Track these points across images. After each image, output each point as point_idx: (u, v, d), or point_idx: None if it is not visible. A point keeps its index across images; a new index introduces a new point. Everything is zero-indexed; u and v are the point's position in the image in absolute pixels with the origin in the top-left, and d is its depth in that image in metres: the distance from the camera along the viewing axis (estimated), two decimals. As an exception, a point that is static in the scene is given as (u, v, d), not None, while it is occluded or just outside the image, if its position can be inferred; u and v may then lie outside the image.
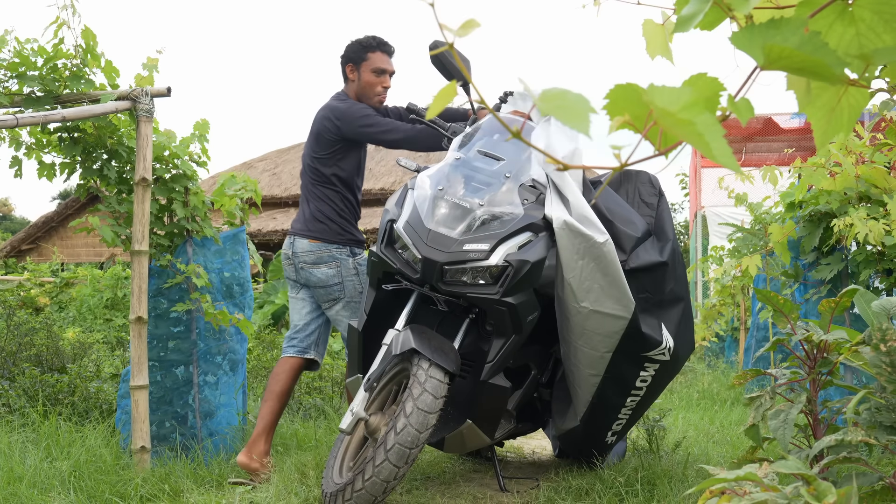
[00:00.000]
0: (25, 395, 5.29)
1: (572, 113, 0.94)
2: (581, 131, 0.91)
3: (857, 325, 4.09)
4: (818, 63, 1.05)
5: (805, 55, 1.04)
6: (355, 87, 4.39)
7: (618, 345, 3.55)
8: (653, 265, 3.67)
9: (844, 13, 1.18)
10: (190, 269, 4.44)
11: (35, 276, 11.67)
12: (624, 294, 3.48)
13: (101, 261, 19.60)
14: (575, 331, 3.58)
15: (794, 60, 1.06)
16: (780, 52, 1.05)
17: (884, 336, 2.26)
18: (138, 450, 4.10)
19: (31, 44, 4.13)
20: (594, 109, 0.96)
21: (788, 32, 1.05)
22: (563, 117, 0.94)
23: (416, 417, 3.10)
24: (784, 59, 1.06)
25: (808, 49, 1.04)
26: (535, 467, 4.49)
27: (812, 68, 1.07)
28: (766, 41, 1.05)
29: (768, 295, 2.85)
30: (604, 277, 3.46)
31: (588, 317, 3.51)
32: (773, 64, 1.06)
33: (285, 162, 20.66)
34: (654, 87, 0.96)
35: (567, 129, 3.74)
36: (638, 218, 3.77)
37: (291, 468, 4.02)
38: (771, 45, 1.04)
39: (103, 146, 4.37)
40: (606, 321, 3.51)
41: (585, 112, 0.94)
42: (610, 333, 3.53)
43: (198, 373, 4.59)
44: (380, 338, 3.53)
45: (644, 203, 4.02)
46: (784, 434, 2.52)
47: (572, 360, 3.68)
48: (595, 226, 3.47)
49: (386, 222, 3.62)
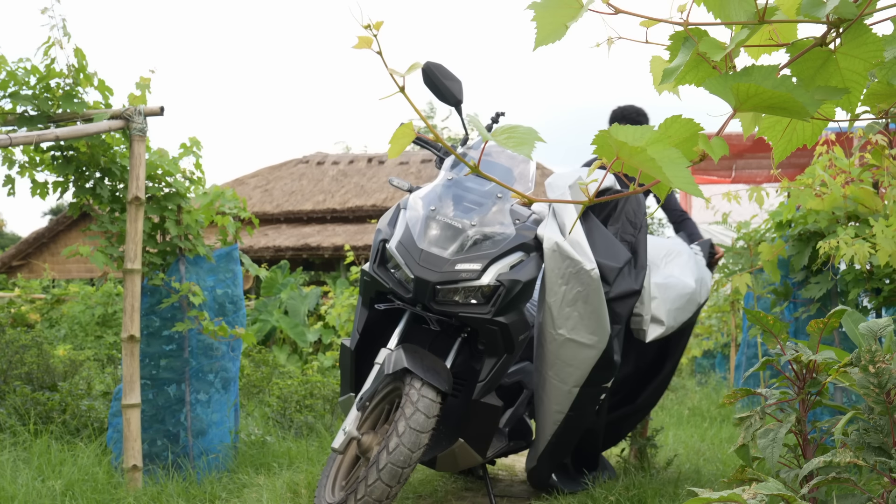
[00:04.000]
0: (16, 414, 5.27)
1: (520, 141, 1.10)
2: (524, 154, 1.08)
3: (846, 345, 4.12)
4: (787, 100, 1.13)
5: (774, 93, 1.12)
6: None
7: (587, 377, 3.60)
8: (628, 293, 3.72)
9: (829, 59, 1.26)
10: (185, 287, 4.44)
11: (26, 292, 11.62)
12: (601, 325, 3.52)
13: (92, 277, 19.54)
14: (548, 359, 3.62)
15: (764, 98, 1.14)
16: (748, 91, 1.13)
17: (872, 357, 2.29)
18: (130, 468, 4.09)
19: (24, 63, 4.15)
20: (541, 138, 1.13)
21: (761, 77, 1.13)
22: (512, 145, 1.10)
23: (408, 437, 3.11)
24: (753, 97, 1.14)
25: (783, 89, 1.13)
26: (527, 486, 4.49)
27: (782, 105, 1.15)
28: (740, 83, 1.13)
29: (758, 315, 2.87)
30: (585, 306, 3.50)
31: (563, 345, 3.55)
32: (745, 104, 1.16)
33: (277, 178, 20.68)
34: (619, 127, 1.08)
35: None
36: (619, 247, 3.82)
37: (283, 487, 4.02)
38: (738, 85, 1.13)
39: (96, 165, 4.38)
40: (580, 351, 3.54)
41: (532, 140, 1.10)
42: (581, 364, 3.57)
43: (190, 391, 4.59)
44: (372, 357, 3.54)
45: (629, 222, 4.05)
46: (773, 453, 2.54)
47: (540, 393, 3.72)
48: (586, 253, 3.51)
49: (378, 242, 3.64)
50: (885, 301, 4.12)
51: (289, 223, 19.33)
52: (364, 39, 1.14)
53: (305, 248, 17.52)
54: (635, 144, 1.07)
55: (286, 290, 12.75)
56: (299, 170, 20.93)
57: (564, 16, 1.27)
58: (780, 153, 1.41)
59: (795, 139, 1.40)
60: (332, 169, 20.64)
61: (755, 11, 1.25)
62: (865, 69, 1.26)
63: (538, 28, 1.29)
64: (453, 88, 3.78)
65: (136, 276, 4.20)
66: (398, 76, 1.15)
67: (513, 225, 3.57)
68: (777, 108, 1.17)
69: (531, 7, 1.29)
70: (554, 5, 1.28)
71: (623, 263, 3.71)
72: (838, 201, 4.07)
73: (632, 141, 1.07)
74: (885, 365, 2.27)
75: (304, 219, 19.27)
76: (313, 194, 19.68)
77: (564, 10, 1.27)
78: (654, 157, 1.06)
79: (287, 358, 10.96)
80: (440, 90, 3.80)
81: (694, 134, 1.14)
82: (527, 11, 1.28)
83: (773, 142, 1.40)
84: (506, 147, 1.11)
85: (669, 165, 1.06)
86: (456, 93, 3.79)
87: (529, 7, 1.29)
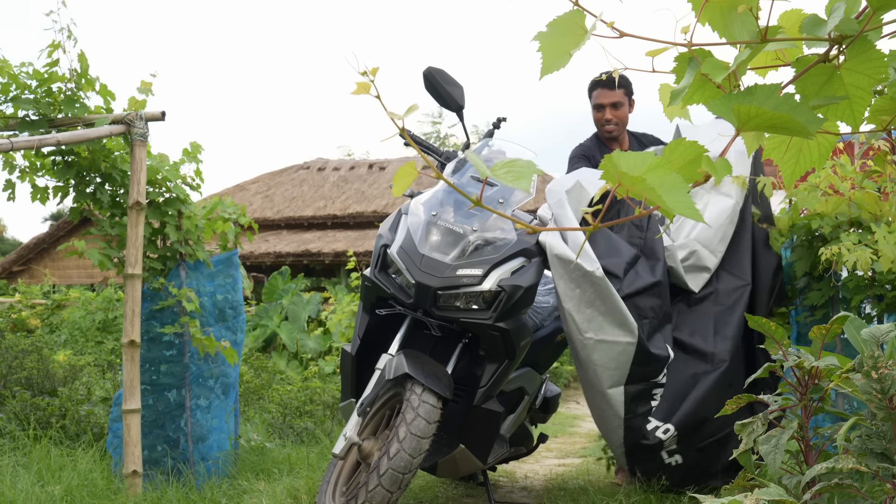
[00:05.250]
0: (16, 419, 5.26)
1: (518, 175, 1.13)
2: (522, 188, 1.11)
3: (848, 351, 4.10)
4: (788, 120, 1.16)
5: (775, 114, 1.14)
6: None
7: (628, 374, 3.64)
8: (648, 286, 3.74)
9: (834, 75, 1.28)
10: (181, 293, 4.43)
11: (26, 298, 11.62)
12: (625, 320, 3.54)
13: (92, 283, 19.53)
14: (586, 367, 3.69)
15: (765, 119, 1.16)
16: (749, 112, 1.16)
17: (875, 363, 2.28)
18: (130, 474, 4.08)
19: (27, 67, 4.15)
20: (540, 171, 1.18)
21: (763, 97, 1.16)
22: (510, 179, 1.12)
23: (409, 442, 3.09)
24: (755, 118, 1.17)
25: (784, 109, 1.15)
26: (528, 492, 4.48)
27: (784, 125, 1.19)
28: (742, 105, 1.17)
29: (760, 321, 2.86)
30: (603, 304, 3.53)
31: (594, 348, 3.58)
32: (747, 124, 1.18)
33: (278, 184, 20.69)
34: (620, 155, 1.11)
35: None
36: (624, 245, 3.84)
37: (283, 493, 4.01)
38: (739, 106, 1.16)
39: (97, 170, 4.38)
40: (614, 349, 3.57)
41: (530, 174, 1.13)
42: (620, 363, 3.60)
43: (190, 396, 4.58)
44: (373, 362, 3.53)
45: (634, 226, 4.08)
46: (775, 460, 2.53)
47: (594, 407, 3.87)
48: (588, 255, 3.54)
49: (380, 247, 3.64)
50: (888, 308, 4.11)
51: (289, 229, 19.33)
52: (362, 85, 1.20)
53: (306, 253, 17.51)
54: (635, 173, 1.10)
55: (287, 295, 12.76)
56: (300, 175, 20.94)
57: (569, 43, 1.30)
58: (789, 178, 1.44)
59: (802, 161, 1.42)
60: (333, 175, 20.65)
61: (757, 31, 1.27)
62: (870, 84, 1.28)
63: (544, 57, 1.32)
64: (455, 94, 3.78)
65: (137, 281, 4.19)
66: (398, 119, 1.19)
67: (514, 230, 3.57)
68: (779, 127, 1.19)
69: (537, 38, 1.31)
70: (559, 33, 1.30)
71: (628, 258, 3.75)
72: (843, 206, 4.05)
73: (632, 169, 1.10)
74: (887, 371, 2.27)
75: (305, 225, 19.27)
76: (314, 200, 19.69)
77: (569, 38, 1.30)
78: (654, 185, 1.09)
79: (287, 363, 10.96)
80: (442, 95, 3.80)
81: (698, 156, 1.17)
82: (523, 6, 1.29)
83: (780, 163, 1.42)
84: (504, 182, 1.13)
85: (669, 191, 1.09)
86: (457, 98, 3.79)
87: (535, 38, 1.31)
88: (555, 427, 8.34)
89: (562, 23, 1.30)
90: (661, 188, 1.09)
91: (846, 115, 1.32)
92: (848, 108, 1.31)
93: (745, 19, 1.28)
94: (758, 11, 1.26)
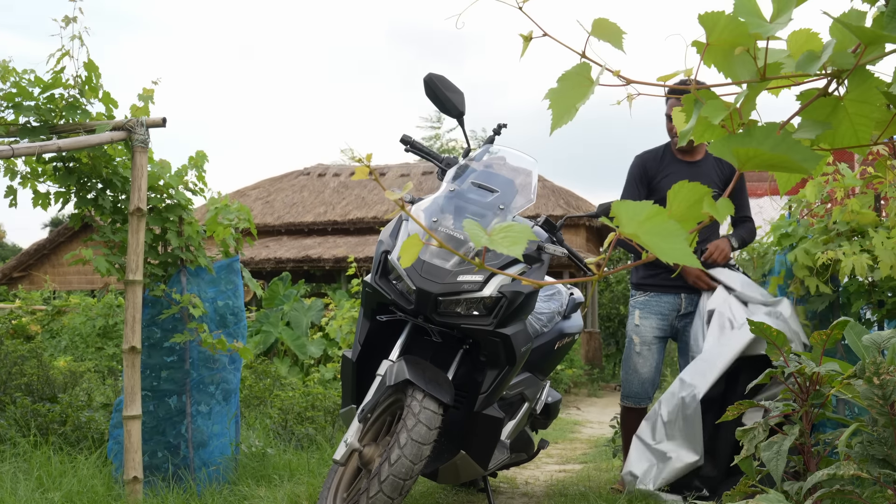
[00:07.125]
0: (16, 425, 5.26)
1: (514, 241, 1.18)
2: (514, 254, 1.15)
3: (849, 358, 4.10)
4: (785, 160, 1.21)
5: (773, 154, 1.20)
6: None
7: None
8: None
9: (838, 106, 1.33)
10: (185, 299, 4.43)
11: (26, 303, 11.61)
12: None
13: (93, 289, 19.54)
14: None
15: (764, 159, 1.22)
16: (748, 154, 1.22)
17: (877, 369, 2.28)
18: (130, 480, 4.08)
19: (28, 74, 4.15)
20: (533, 236, 1.25)
21: (761, 137, 1.22)
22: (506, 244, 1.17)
23: (410, 448, 3.09)
24: (754, 158, 1.22)
25: (782, 149, 1.20)
26: (528, 498, 4.48)
27: (782, 164, 1.24)
28: (740, 147, 1.22)
29: (761, 327, 2.87)
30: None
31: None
32: (747, 164, 1.23)
33: (278, 190, 20.71)
34: (619, 203, 1.16)
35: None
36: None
37: (284, 499, 4.01)
38: (738, 149, 1.22)
39: (98, 176, 4.38)
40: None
41: (524, 239, 1.17)
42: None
43: (191, 402, 4.57)
44: (374, 368, 3.53)
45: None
46: (777, 466, 2.53)
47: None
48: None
49: (380, 253, 3.64)
50: (888, 314, 4.12)
51: (290, 235, 19.35)
52: (361, 170, 1.33)
53: (306, 259, 17.52)
54: (631, 222, 1.15)
55: (289, 301, 12.76)
56: (300, 181, 20.96)
57: (576, 96, 1.34)
58: (784, 186, 1.48)
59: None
60: (333, 181, 20.66)
61: (756, 70, 1.31)
62: (873, 112, 1.32)
63: (553, 112, 1.36)
64: (455, 100, 3.78)
65: (138, 287, 4.19)
66: (396, 198, 1.30)
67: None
68: (777, 166, 1.24)
69: (548, 96, 1.36)
70: (568, 87, 1.35)
71: None
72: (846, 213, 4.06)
73: (629, 219, 1.15)
74: (889, 377, 2.27)
75: (306, 231, 19.28)
76: (314, 206, 19.70)
77: (577, 90, 1.34)
78: (652, 233, 1.15)
79: (288, 370, 10.95)
80: (442, 102, 3.81)
81: (702, 197, 1.21)
82: (525, 10, 1.34)
83: (776, 175, 1.45)
84: (497, 248, 1.17)
85: (665, 240, 1.14)
86: (458, 104, 3.79)
87: (547, 96, 1.36)
88: (555, 433, 8.34)
89: (570, 77, 1.35)
90: (660, 235, 1.15)
91: (850, 139, 1.35)
92: (852, 131, 1.35)
93: (743, 60, 1.32)
94: (755, 52, 1.30)
